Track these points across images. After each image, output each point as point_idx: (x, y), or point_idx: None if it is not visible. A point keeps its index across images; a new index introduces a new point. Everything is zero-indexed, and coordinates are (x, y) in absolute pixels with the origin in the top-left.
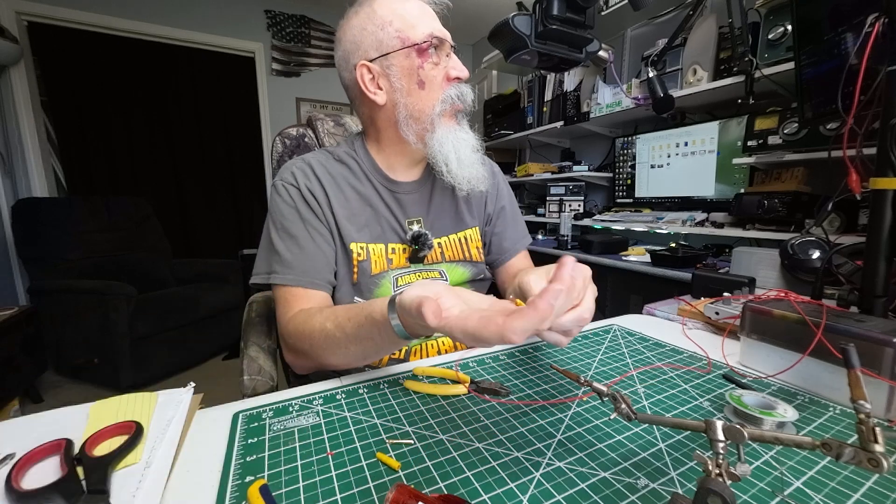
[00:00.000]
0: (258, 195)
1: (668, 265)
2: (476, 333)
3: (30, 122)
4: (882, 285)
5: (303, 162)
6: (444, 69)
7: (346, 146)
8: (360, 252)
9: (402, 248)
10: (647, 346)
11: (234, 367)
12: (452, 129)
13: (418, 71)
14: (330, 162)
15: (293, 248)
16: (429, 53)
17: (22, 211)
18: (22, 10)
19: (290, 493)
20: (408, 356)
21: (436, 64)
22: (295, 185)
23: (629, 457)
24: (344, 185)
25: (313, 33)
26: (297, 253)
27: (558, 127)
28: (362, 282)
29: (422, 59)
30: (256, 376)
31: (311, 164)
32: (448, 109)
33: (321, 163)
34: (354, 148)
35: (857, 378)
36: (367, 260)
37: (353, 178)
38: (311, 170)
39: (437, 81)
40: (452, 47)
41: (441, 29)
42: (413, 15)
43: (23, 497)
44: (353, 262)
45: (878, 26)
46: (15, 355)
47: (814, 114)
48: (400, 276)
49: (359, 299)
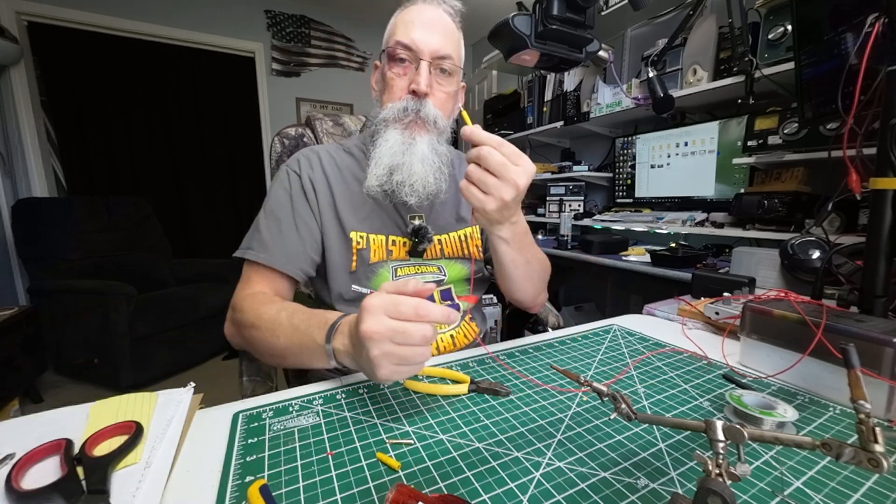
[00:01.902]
0: (258, 195)
1: (668, 265)
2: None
3: (30, 122)
4: (882, 285)
5: (311, 151)
6: (408, 80)
7: (359, 139)
8: (359, 241)
9: (402, 241)
10: (647, 346)
11: (234, 367)
12: (395, 132)
13: (386, 75)
14: (339, 153)
15: (273, 231)
16: (396, 60)
17: (22, 211)
18: (22, 10)
19: (290, 493)
20: None
21: (400, 74)
22: (297, 172)
23: (629, 457)
24: (349, 175)
25: (313, 33)
26: (277, 235)
27: (558, 127)
28: (360, 270)
29: (389, 64)
30: (255, 377)
31: (319, 154)
32: (392, 118)
33: (330, 153)
34: (364, 141)
35: (857, 378)
36: (367, 248)
37: (359, 169)
38: (318, 159)
39: (396, 89)
40: (424, 61)
41: (419, 40)
42: (404, 21)
43: (23, 497)
44: (352, 250)
45: (878, 26)
46: (15, 355)
47: (814, 114)
48: (399, 268)
49: (357, 287)
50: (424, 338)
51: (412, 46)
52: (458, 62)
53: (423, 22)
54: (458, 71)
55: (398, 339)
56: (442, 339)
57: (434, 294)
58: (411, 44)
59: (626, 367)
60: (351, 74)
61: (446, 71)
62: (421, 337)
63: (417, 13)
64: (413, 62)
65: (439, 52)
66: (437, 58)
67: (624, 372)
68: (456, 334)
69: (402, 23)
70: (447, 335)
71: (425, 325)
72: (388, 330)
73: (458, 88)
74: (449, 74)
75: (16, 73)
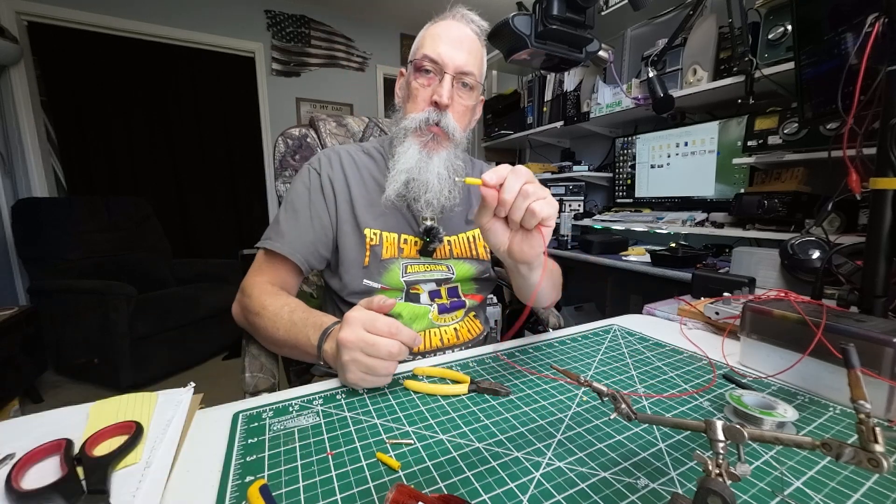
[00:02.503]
0: (258, 195)
1: (668, 265)
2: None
3: (30, 122)
4: (882, 285)
5: (333, 151)
6: (431, 91)
7: (378, 142)
8: (372, 237)
9: (413, 240)
10: (647, 346)
11: (234, 367)
12: (413, 148)
13: (410, 84)
14: (359, 154)
15: (291, 222)
16: (421, 72)
17: (22, 211)
18: (22, 10)
19: (290, 493)
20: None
21: (424, 85)
22: (317, 170)
23: (629, 457)
24: (367, 175)
25: (313, 33)
26: (293, 225)
27: (558, 127)
28: (373, 265)
29: (415, 74)
30: (258, 373)
31: (339, 154)
32: (414, 129)
33: (350, 154)
34: (384, 144)
35: (857, 378)
36: (380, 245)
37: (377, 170)
38: (338, 158)
39: (419, 99)
40: (448, 75)
41: (445, 55)
42: (432, 35)
43: (23, 497)
44: (365, 246)
45: (878, 26)
46: (15, 355)
47: (814, 114)
48: (409, 265)
49: (368, 282)
50: (390, 353)
51: (438, 60)
52: (479, 78)
53: (450, 38)
54: (479, 86)
55: (368, 350)
56: (446, 331)
57: (441, 290)
58: (437, 58)
59: (626, 368)
60: (351, 74)
61: (468, 85)
62: (387, 353)
63: (445, 29)
64: (437, 74)
65: (463, 68)
66: (460, 73)
67: (624, 369)
68: (459, 328)
69: (431, 37)
70: (451, 328)
71: (393, 342)
72: (360, 340)
73: (476, 103)
74: (470, 89)
75: (16, 73)
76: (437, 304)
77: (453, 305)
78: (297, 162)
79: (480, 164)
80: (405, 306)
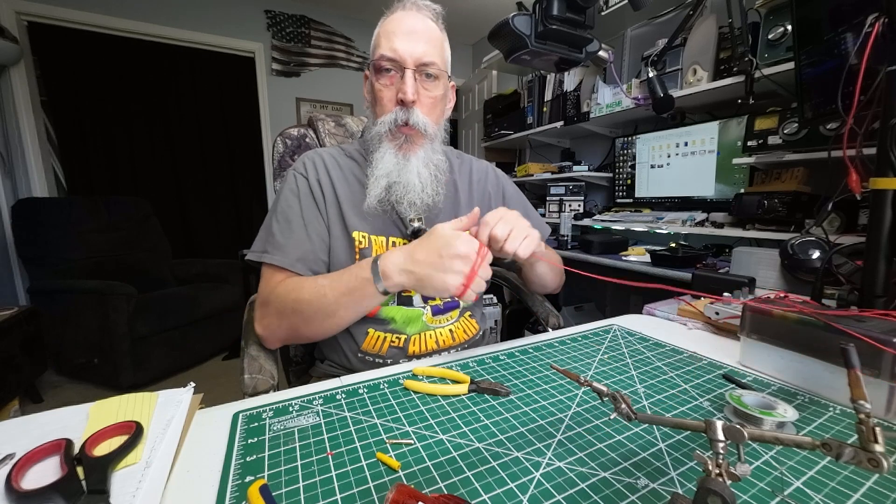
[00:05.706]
0: (258, 195)
1: (668, 265)
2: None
3: (30, 122)
4: (882, 285)
5: (316, 154)
6: (395, 89)
7: (359, 143)
8: (361, 240)
9: (402, 242)
10: (647, 346)
11: (234, 367)
12: (389, 153)
13: (374, 86)
14: (341, 157)
15: (286, 233)
16: (382, 72)
17: (22, 211)
18: (22, 10)
19: (290, 493)
20: (407, 345)
21: (387, 85)
22: (304, 175)
23: (629, 457)
24: (351, 177)
25: (313, 33)
26: (289, 237)
27: (558, 127)
28: None
29: (377, 76)
30: (257, 375)
31: (323, 157)
32: (385, 133)
33: (333, 156)
34: (364, 146)
35: (857, 378)
36: (369, 248)
37: (361, 173)
38: (322, 161)
39: (385, 101)
40: (409, 70)
41: (402, 50)
42: (386, 32)
43: (23, 497)
44: (355, 249)
45: (878, 26)
46: (15, 355)
47: (814, 114)
48: None
49: None
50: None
51: (395, 57)
52: (442, 66)
53: (404, 31)
54: (444, 74)
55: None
56: (441, 332)
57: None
58: (394, 54)
59: (626, 368)
60: (351, 74)
61: (432, 76)
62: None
63: (398, 23)
64: (398, 71)
65: (422, 59)
66: (421, 65)
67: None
68: (455, 329)
69: (385, 34)
70: (446, 329)
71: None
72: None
73: (445, 91)
74: (435, 79)
75: (16, 73)
76: (430, 305)
77: (447, 306)
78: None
79: (469, 159)
80: (398, 310)
